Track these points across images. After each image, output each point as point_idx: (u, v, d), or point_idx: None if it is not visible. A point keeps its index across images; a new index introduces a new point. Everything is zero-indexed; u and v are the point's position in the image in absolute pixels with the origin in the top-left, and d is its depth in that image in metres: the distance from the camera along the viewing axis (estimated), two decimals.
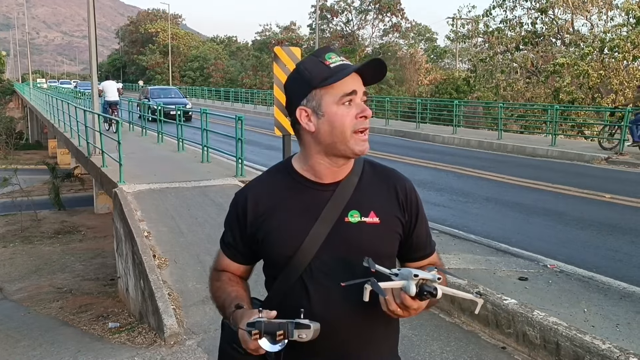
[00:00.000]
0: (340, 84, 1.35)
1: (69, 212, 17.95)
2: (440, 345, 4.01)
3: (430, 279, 1.23)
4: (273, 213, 1.44)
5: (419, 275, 1.22)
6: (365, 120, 1.37)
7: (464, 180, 10.45)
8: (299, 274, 1.40)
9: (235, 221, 1.51)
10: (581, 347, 3.47)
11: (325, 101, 1.36)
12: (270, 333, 1.23)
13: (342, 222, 1.41)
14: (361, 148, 1.37)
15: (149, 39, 74.40)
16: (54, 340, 6.21)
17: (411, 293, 1.22)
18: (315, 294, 1.38)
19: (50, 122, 22.75)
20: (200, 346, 4.26)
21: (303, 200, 1.43)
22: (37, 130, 41.58)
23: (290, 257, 1.40)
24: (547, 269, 4.99)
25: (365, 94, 1.39)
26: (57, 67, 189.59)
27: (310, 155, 1.43)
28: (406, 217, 1.48)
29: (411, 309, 1.25)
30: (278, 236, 1.42)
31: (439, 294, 1.23)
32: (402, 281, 1.24)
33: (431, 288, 1.22)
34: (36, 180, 23.64)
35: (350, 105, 1.36)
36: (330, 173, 1.43)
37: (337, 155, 1.40)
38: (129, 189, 7.89)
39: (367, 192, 1.45)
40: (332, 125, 1.36)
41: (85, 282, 9.87)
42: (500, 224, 7.09)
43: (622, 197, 8.44)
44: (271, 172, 1.54)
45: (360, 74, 1.39)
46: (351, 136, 1.36)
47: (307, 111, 1.39)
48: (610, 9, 22.40)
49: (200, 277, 5.36)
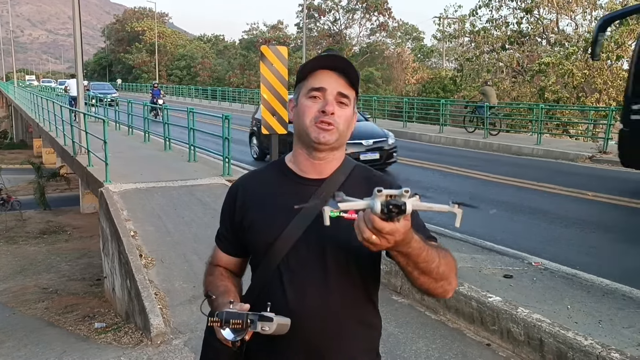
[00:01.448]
0: (311, 79, 1.47)
1: (55, 212, 17.81)
2: (426, 342, 4.04)
3: (397, 194, 1.13)
4: (258, 202, 1.52)
5: (382, 191, 1.12)
6: (324, 114, 1.43)
7: (449, 178, 10.51)
8: (277, 263, 1.45)
9: (227, 210, 1.60)
10: (564, 344, 3.52)
11: (300, 93, 1.50)
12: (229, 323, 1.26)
13: (321, 216, 1.43)
14: (317, 135, 1.44)
15: (136, 38, 73.93)
16: (39, 341, 6.17)
17: (376, 210, 1.12)
18: (290, 284, 1.43)
19: (35, 121, 22.53)
20: (187, 345, 4.25)
21: (288, 192, 1.49)
22: (22, 130, 41.14)
23: (270, 244, 1.46)
24: (531, 267, 5.04)
25: (342, 95, 1.45)
26: (42, 66, 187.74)
27: (294, 144, 1.54)
28: None
29: (384, 232, 1.15)
30: (260, 225, 1.49)
31: (408, 209, 1.12)
32: (366, 200, 1.16)
33: (399, 202, 1.12)
34: (21, 180, 23.43)
35: (316, 100, 1.45)
36: (312, 167, 1.50)
37: (306, 145, 1.49)
38: (115, 189, 7.85)
39: (351, 191, 1.44)
40: (298, 115, 1.49)
41: (71, 282, 9.81)
42: (485, 222, 7.15)
43: (605, 195, 8.54)
44: (267, 166, 1.65)
45: (343, 75, 1.46)
46: (311, 125, 1.44)
47: (293, 102, 1.54)
48: (594, 9, 22.65)
49: (187, 276, 5.35)
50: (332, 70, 1.46)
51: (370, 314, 1.53)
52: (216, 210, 6.52)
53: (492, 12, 24.89)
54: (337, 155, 1.53)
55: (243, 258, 1.65)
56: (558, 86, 20.85)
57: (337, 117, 1.45)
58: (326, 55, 1.49)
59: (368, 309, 1.52)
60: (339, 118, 1.45)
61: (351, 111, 1.50)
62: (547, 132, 17.63)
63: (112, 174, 8.34)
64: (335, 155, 1.52)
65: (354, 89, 1.49)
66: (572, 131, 18.93)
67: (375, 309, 1.56)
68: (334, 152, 1.51)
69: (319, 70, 1.47)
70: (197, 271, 5.40)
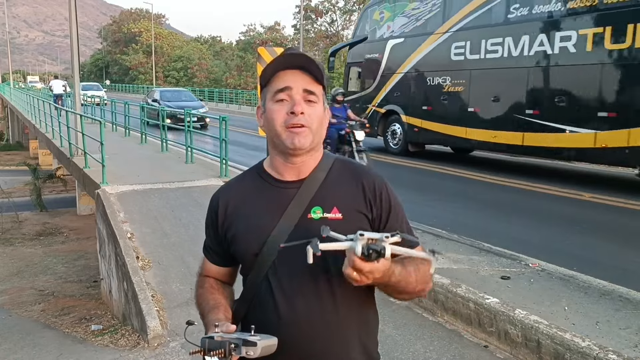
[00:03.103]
0: (275, 81, 1.42)
1: (51, 214, 17.75)
2: (424, 344, 4.04)
3: (378, 238, 1.18)
4: (240, 213, 1.48)
5: (364, 235, 1.18)
6: (294, 116, 1.38)
7: (447, 180, 10.52)
8: (265, 272, 1.42)
9: (210, 224, 1.58)
10: (562, 345, 3.52)
11: (266, 98, 1.45)
12: (213, 350, 1.25)
13: (305, 218, 1.42)
14: (291, 141, 1.39)
15: (132, 39, 73.94)
16: (35, 344, 6.14)
17: (357, 253, 1.17)
18: (279, 291, 1.40)
19: (32, 123, 22.48)
20: (183, 348, 4.24)
21: (269, 198, 1.46)
22: (18, 131, 40.99)
23: (256, 254, 1.43)
24: (529, 268, 5.05)
25: (309, 92, 1.40)
26: (38, 67, 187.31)
27: (270, 151, 1.50)
28: (374, 213, 1.46)
29: (365, 272, 1.20)
30: (244, 234, 1.46)
31: (387, 253, 1.18)
32: (348, 242, 1.21)
33: (379, 247, 1.18)
34: (17, 181, 23.33)
35: (283, 102, 1.40)
36: (289, 170, 1.46)
37: (280, 150, 1.44)
38: (112, 190, 7.83)
39: (333, 189, 1.46)
40: (268, 121, 1.44)
41: (68, 284, 9.77)
42: (482, 223, 7.15)
43: (601, 196, 8.55)
44: (245, 173, 1.60)
45: (306, 72, 1.41)
46: (282, 130, 1.40)
47: (261, 109, 1.49)
48: None
49: (184, 278, 5.34)
50: (294, 69, 1.41)
51: (364, 315, 1.49)
52: None
53: None
54: (314, 154, 1.48)
55: (233, 267, 1.61)
56: None
57: (308, 117, 1.40)
58: (285, 54, 1.43)
59: (361, 311, 1.48)
60: (309, 117, 1.40)
61: (321, 107, 1.44)
62: None
63: (109, 175, 8.32)
64: (313, 155, 1.47)
65: (320, 84, 1.43)
66: None
67: (370, 309, 1.52)
68: (311, 152, 1.46)
69: (280, 71, 1.42)
70: (194, 273, 5.37)
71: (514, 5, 10.45)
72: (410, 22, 12.95)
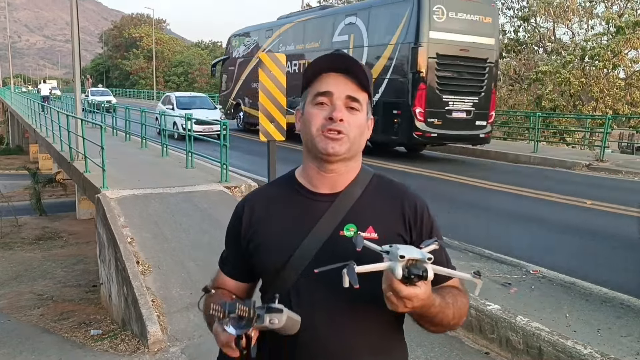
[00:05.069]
0: (316, 84, 1.33)
1: (51, 218, 17.74)
2: (425, 350, 4.03)
3: (419, 259, 1.09)
4: (266, 223, 1.38)
5: (405, 256, 1.08)
6: (332, 122, 1.30)
7: (448, 186, 10.51)
8: (287, 290, 1.32)
9: (232, 231, 1.46)
10: (563, 352, 3.51)
11: (306, 101, 1.36)
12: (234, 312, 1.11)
13: (336, 235, 1.32)
14: (325, 146, 1.30)
15: (133, 44, 74.09)
16: (34, 348, 6.12)
17: (397, 276, 1.08)
18: (300, 311, 1.27)
19: (32, 127, 22.49)
20: (184, 353, 4.22)
21: (298, 210, 1.37)
22: (18, 135, 41.02)
23: (278, 270, 1.33)
24: (530, 275, 5.03)
25: (352, 99, 1.32)
26: (39, 72, 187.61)
27: (303, 158, 1.41)
28: (413, 236, 1.36)
29: (404, 295, 1.10)
30: (268, 247, 1.36)
31: (429, 275, 1.09)
32: (387, 263, 1.12)
33: (420, 269, 1.08)
34: (17, 185, 23.32)
35: (322, 106, 1.32)
36: (324, 180, 1.37)
37: (315, 157, 1.35)
38: (112, 195, 7.82)
39: (369, 206, 1.36)
40: (305, 124, 1.35)
41: (67, 289, 9.74)
42: (483, 229, 7.15)
43: (602, 204, 8.55)
44: (276, 181, 1.51)
45: (352, 77, 1.32)
46: (318, 135, 1.31)
47: (300, 112, 1.40)
48: (590, 18, 22.80)
49: (184, 283, 5.32)
50: (339, 72, 1.32)
51: (390, 343, 1.39)
52: (213, 217, 6.50)
53: None
54: (352, 165, 1.38)
55: (251, 283, 1.49)
56: (555, 94, 20.94)
57: (347, 124, 1.30)
58: (330, 55, 1.35)
59: (388, 338, 1.38)
60: (349, 125, 1.30)
61: (364, 116, 1.35)
62: (544, 140, 17.70)
63: (109, 180, 8.31)
64: (349, 167, 1.37)
65: (366, 92, 1.34)
66: (569, 139, 19.00)
67: (398, 336, 1.43)
68: (347, 162, 1.36)
69: (324, 73, 1.33)
70: (195, 278, 5.38)
71: (280, 47, 17.92)
72: (245, 50, 20.89)
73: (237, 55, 21.37)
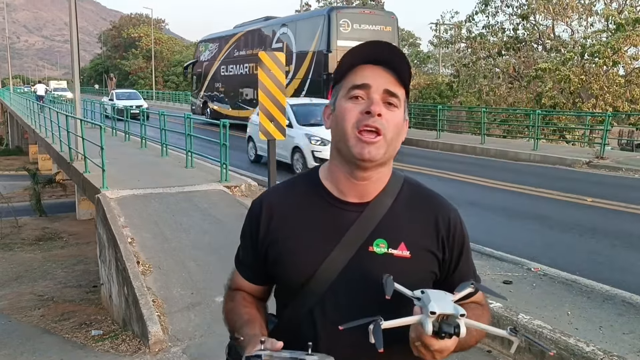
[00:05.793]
0: (351, 76, 1.20)
1: (51, 219, 17.73)
2: None
3: (452, 314, 1.01)
4: (287, 231, 1.26)
5: (436, 312, 1.00)
6: (369, 116, 1.16)
7: (447, 184, 10.50)
8: (310, 306, 1.22)
9: (248, 234, 1.33)
10: (566, 350, 3.50)
11: (339, 95, 1.23)
12: None
13: (365, 250, 1.21)
14: (360, 151, 1.16)
15: (132, 44, 74.02)
16: (35, 349, 6.12)
17: (427, 332, 1.01)
18: (323, 332, 1.18)
19: (31, 127, 22.47)
20: (185, 353, 4.21)
21: (324, 219, 1.24)
22: (18, 136, 40.98)
23: (302, 285, 1.22)
24: (531, 272, 5.03)
25: (391, 94, 1.18)
26: (38, 72, 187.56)
27: (331, 158, 1.28)
28: (446, 255, 1.27)
29: (433, 350, 1.04)
30: (290, 260, 1.24)
31: (462, 332, 1.01)
32: (417, 317, 1.04)
33: (452, 326, 1.01)
34: (17, 186, 23.31)
35: (358, 100, 1.18)
36: (353, 188, 1.24)
37: (346, 160, 1.21)
38: (112, 195, 7.81)
39: (401, 219, 1.25)
40: (336, 121, 1.21)
41: (67, 289, 9.74)
42: (484, 227, 7.14)
43: (603, 201, 8.55)
44: (296, 180, 1.37)
45: (392, 70, 1.20)
46: (352, 134, 1.17)
47: (330, 108, 1.27)
48: (590, 15, 22.77)
49: (184, 283, 5.32)
50: (376, 64, 1.19)
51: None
52: (213, 217, 6.49)
53: (489, 18, 25.15)
54: (384, 172, 1.25)
55: (268, 286, 1.38)
56: (555, 92, 20.92)
57: (385, 122, 1.16)
58: (369, 43, 1.21)
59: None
60: (387, 122, 1.17)
61: (402, 114, 1.21)
62: (543, 138, 17.69)
63: (109, 180, 8.30)
64: (381, 173, 1.24)
65: (404, 88, 1.21)
66: (569, 137, 18.98)
67: None
68: (380, 168, 1.23)
69: (359, 65, 1.20)
70: (195, 278, 5.37)
71: (235, 52, 22.46)
72: (209, 54, 24.83)
73: (204, 59, 25.58)
